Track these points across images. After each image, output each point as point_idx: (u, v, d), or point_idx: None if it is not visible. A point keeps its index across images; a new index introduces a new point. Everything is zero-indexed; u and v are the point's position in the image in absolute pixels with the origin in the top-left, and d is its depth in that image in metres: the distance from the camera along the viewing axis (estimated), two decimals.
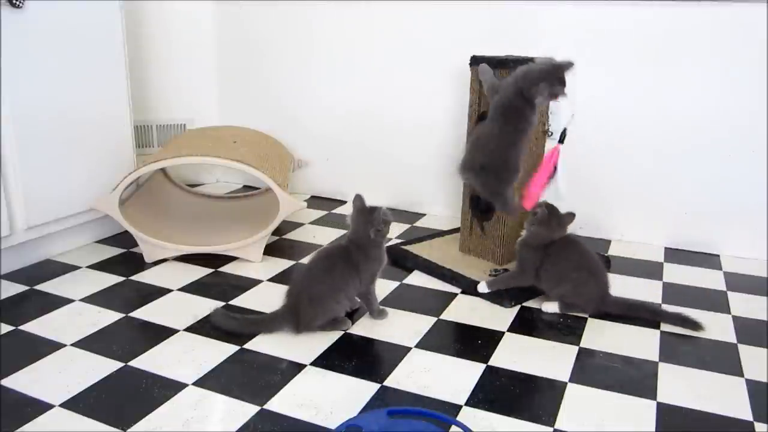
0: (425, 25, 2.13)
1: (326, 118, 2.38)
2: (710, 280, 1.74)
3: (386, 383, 1.20)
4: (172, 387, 1.17)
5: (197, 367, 1.23)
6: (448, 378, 1.22)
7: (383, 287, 1.63)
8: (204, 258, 1.77)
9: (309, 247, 1.91)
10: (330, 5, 2.26)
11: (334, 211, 2.30)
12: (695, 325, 1.42)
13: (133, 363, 1.25)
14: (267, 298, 1.55)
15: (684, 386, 1.21)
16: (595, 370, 1.26)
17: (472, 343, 1.36)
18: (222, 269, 1.72)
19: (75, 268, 1.71)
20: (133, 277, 1.66)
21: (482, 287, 1.55)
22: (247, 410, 1.10)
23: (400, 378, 1.21)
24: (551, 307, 1.51)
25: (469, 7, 2.06)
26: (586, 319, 1.48)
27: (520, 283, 1.54)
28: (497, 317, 1.48)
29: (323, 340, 1.35)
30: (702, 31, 1.81)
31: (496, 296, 1.55)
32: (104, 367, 1.23)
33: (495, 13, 2.02)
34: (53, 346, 1.30)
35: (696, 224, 1.94)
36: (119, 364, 1.24)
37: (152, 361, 1.26)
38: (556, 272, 1.48)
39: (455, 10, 2.08)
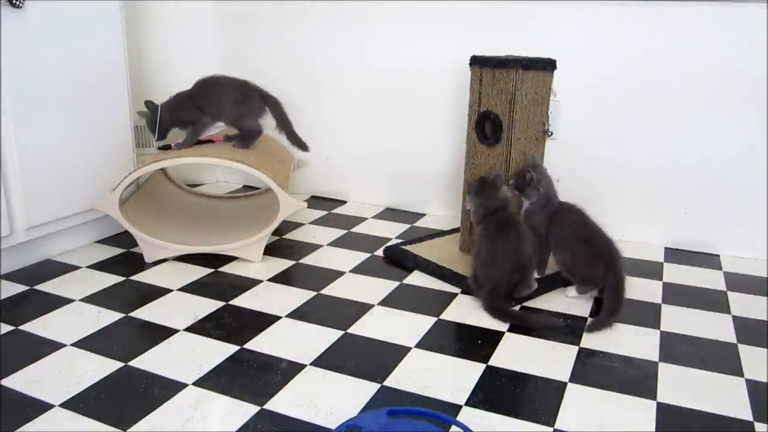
0: (425, 25, 2.13)
1: (326, 118, 2.38)
2: (710, 280, 1.74)
3: (386, 383, 1.20)
4: (172, 387, 1.17)
5: (197, 367, 1.23)
6: (448, 378, 1.22)
7: (383, 287, 1.63)
8: (204, 258, 1.77)
9: (309, 247, 1.91)
10: (330, 5, 2.26)
11: (334, 211, 2.30)
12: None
13: (133, 363, 1.25)
14: (267, 298, 1.55)
15: (684, 386, 1.21)
16: (595, 370, 1.26)
17: (472, 343, 1.36)
18: (222, 269, 1.72)
19: (75, 268, 1.72)
20: (133, 277, 1.66)
21: (571, 292, 1.59)
22: (247, 410, 1.10)
23: (400, 378, 1.21)
24: (572, 292, 1.57)
25: (469, 7, 2.06)
26: (586, 319, 1.48)
27: (543, 249, 1.60)
28: None
29: (323, 340, 1.35)
30: (702, 30, 1.81)
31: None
32: (104, 367, 1.23)
33: (495, 13, 2.02)
34: (53, 346, 1.30)
35: (696, 224, 1.95)
36: (119, 364, 1.24)
37: (152, 361, 1.26)
38: (559, 237, 1.56)
39: (455, 10, 2.08)
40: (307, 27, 2.32)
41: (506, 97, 1.61)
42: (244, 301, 1.54)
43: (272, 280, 1.67)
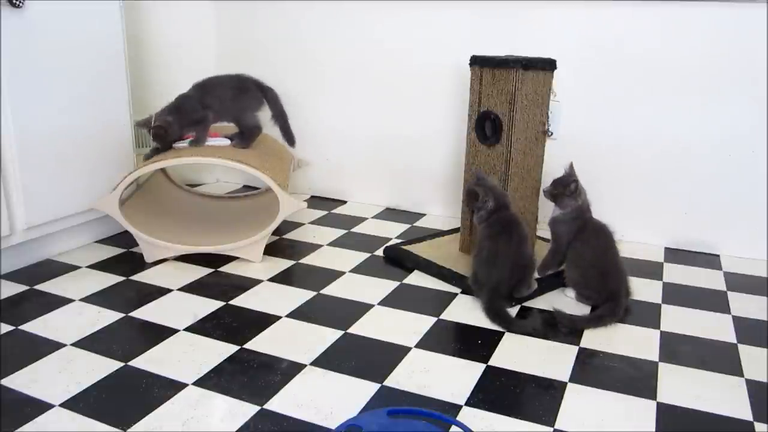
0: (425, 25, 2.13)
1: (326, 118, 2.38)
2: (710, 280, 1.74)
3: (386, 383, 1.20)
4: (172, 387, 1.17)
5: (197, 367, 1.23)
6: (448, 378, 1.22)
7: (383, 287, 1.63)
8: (204, 258, 1.77)
9: (309, 247, 1.91)
10: (330, 6, 2.26)
11: (334, 211, 2.30)
12: None
13: (133, 363, 1.25)
14: (267, 298, 1.55)
15: (684, 386, 1.21)
16: (595, 370, 1.26)
17: (472, 343, 1.36)
18: (222, 269, 1.72)
19: (75, 268, 1.71)
20: (133, 277, 1.66)
21: (570, 293, 1.58)
22: (247, 410, 1.10)
23: (400, 378, 1.21)
24: (571, 293, 1.57)
25: (470, 7, 2.06)
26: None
27: (557, 256, 1.57)
28: None
29: (323, 340, 1.35)
30: (701, 31, 1.81)
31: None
32: (104, 367, 1.23)
33: (495, 13, 2.02)
34: (53, 346, 1.30)
35: (696, 224, 1.95)
36: (119, 364, 1.24)
37: (152, 361, 1.26)
38: (577, 255, 1.53)
39: (455, 11, 2.08)
40: (306, 26, 2.32)
41: (506, 97, 1.61)
42: (244, 301, 1.54)
43: (272, 280, 1.67)
